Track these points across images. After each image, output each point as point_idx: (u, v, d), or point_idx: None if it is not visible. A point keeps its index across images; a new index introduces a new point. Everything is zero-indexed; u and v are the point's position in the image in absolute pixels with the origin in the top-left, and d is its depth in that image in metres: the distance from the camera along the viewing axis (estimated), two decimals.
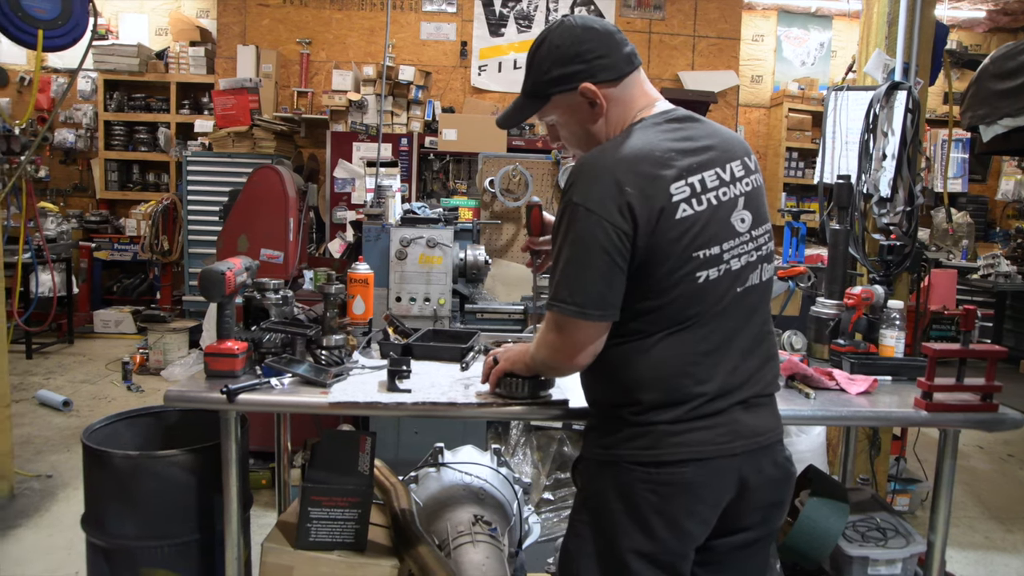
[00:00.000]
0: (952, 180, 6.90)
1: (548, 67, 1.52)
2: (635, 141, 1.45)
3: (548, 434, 3.25)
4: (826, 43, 8.59)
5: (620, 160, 1.41)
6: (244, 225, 3.71)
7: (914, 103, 3.02)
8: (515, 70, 7.66)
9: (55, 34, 3.66)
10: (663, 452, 1.43)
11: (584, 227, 1.39)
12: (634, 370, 1.46)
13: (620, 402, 1.48)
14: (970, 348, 1.98)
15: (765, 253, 1.52)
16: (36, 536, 3.26)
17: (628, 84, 1.53)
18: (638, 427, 1.45)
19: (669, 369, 1.44)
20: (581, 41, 1.49)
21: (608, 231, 1.38)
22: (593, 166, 1.42)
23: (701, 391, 1.44)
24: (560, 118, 1.58)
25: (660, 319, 1.44)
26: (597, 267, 1.40)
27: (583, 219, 1.39)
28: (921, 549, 2.18)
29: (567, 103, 1.54)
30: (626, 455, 1.46)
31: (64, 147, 8.01)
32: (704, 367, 1.45)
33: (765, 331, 1.56)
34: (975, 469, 4.61)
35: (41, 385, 5.43)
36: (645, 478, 1.44)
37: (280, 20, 7.50)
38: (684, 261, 1.41)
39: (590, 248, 1.39)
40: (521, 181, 4.49)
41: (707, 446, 1.44)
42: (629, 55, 1.52)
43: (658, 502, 1.43)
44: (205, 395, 1.83)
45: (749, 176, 1.51)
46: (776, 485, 1.54)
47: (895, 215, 3.05)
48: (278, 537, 2.05)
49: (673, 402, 1.44)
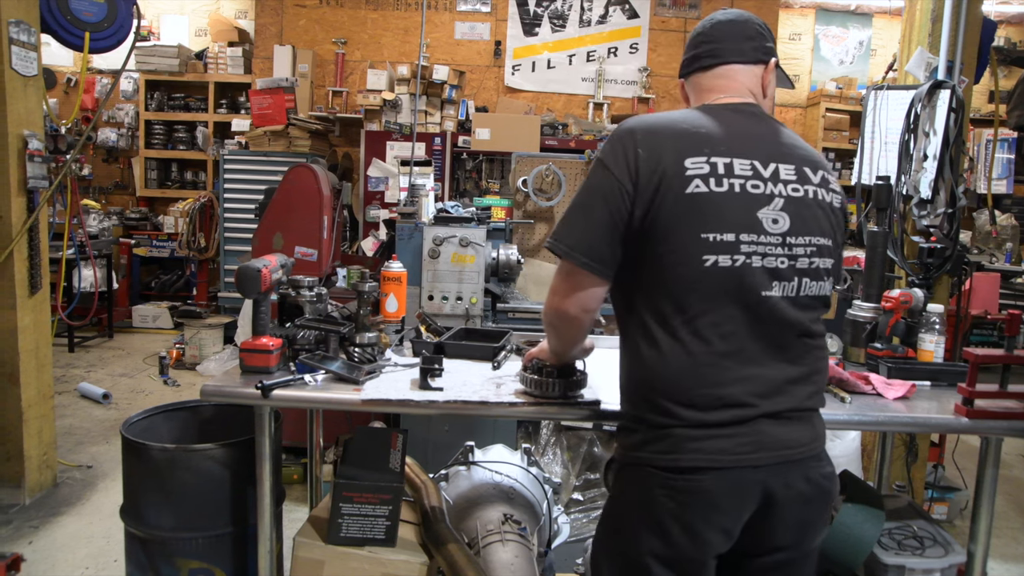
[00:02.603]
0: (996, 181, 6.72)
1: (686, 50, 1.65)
2: (674, 114, 1.50)
3: (578, 434, 3.24)
4: (865, 41, 8.43)
5: (645, 125, 1.46)
6: (279, 223, 3.76)
7: (958, 102, 2.95)
8: (549, 69, 7.66)
9: (101, 36, 3.76)
10: (681, 458, 1.40)
11: (594, 177, 1.47)
12: (653, 365, 1.43)
13: (642, 401, 1.47)
14: (1015, 354, 1.93)
15: (807, 267, 1.46)
16: (77, 524, 3.35)
17: (708, 78, 1.59)
18: (657, 429, 1.44)
19: (685, 367, 1.40)
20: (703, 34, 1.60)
21: (612, 185, 1.42)
22: (623, 127, 1.47)
23: (721, 395, 1.40)
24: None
25: (671, 303, 1.41)
26: (594, 217, 1.44)
27: (596, 170, 1.47)
28: (961, 559, 2.13)
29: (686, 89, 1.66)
30: (645, 458, 1.44)
31: (107, 146, 8.22)
32: (721, 370, 1.40)
33: (811, 345, 1.49)
34: (1018, 479, 4.49)
35: (82, 378, 5.57)
36: (664, 483, 1.41)
37: (316, 20, 7.59)
38: (690, 239, 1.39)
39: (593, 198, 1.46)
40: (554, 181, 4.48)
41: (727, 455, 1.39)
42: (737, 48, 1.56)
43: (675, 508, 1.41)
44: (240, 390, 1.86)
45: (804, 185, 1.47)
46: (808, 502, 1.46)
47: (936, 217, 2.99)
48: (310, 532, 2.07)
49: (690, 404, 1.40)
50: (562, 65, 7.66)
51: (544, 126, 6.48)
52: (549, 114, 7.07)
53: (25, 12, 3.39)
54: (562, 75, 7.68)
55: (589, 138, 6.23)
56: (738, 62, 1.56)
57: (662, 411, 1.42)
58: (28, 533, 3.24)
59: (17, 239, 3.39)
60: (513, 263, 3.53)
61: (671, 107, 7.64)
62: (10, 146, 3.34)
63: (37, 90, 3.51)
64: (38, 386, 3.57)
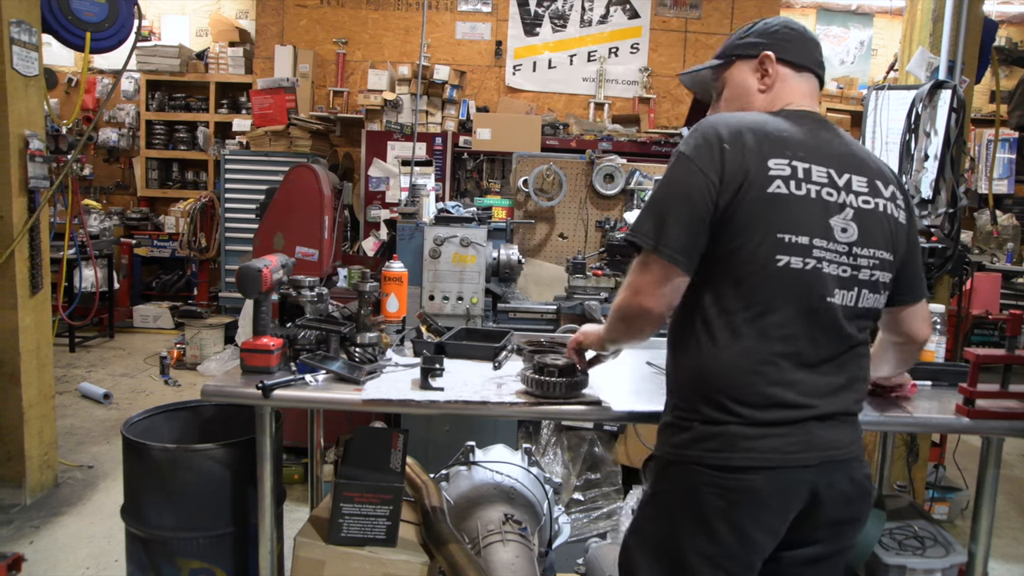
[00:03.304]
0: (998, 181, 6.71)
1: (745, 35, 1.64)
2: (763, 117, 1.50)
3: (579, 434, 3.24)
4: (866, 41, 8.43)
5: (731, 121, 1.46)
6: (280, 223, 3.76)
7: (959, 102, 2.95)
8: (550, 69, 7.66)
9: (102, 36, 3.77)
10: (733, 457, 1.40)
11: (678, 171, 1.44)
12: (710, 360, 1.43)
13: (694, 395, 1.46)
14: (1016, 354, 1.93)
15: (867, 279, 1.48)
16: (79, 524, 3.35)
17: (803, 79, 1.60)
18: (711, 425, 1.42)
19: (742, 364, 1.41)
20: (785, 26, 1.62)
21: (698, 178, 1.41)
22: (708, 122, 1.47)
23: (775, 395, 1.41)
24: (730, 84, 1.64)
25: (739, 298, 1.41)
26: (680, 210, 1.42)
27: (680, 164, 1.44)
28: (961, 559, 2.12)
29: (742, 68, 1.62)
30: (695, 456, 1.43)
31: (107, 146, 8.22)
32: (781, 371, 1.41)
33: (859, 353, 1.52)
34: (1019, 479, 4.48)
35: (83, 378, 5.57)
36: (712, 481, 1.41)
37: (317, 20, 7.60)
38: (766, 238, 1.39)
39: (678, 190, 1.43)
40: (555, 181, 4.48)
41: (778, 454, 1.40)
42: (818, 60, 1.62)
43: (725, 507, 1.40)
44: (241, 390, 1.86)
45: (875, 198, 1.49)
46: (850, 501, 1.49)
47: (937, 217, 2.98)
48: (310, 532, 2.07)
49: (744, 401, 1.41)
50: (563, 65, 7.66)
51: (545, 126, 6.48)
52: (550, 114, 7.07)
53: (26, 12, 3.39)
54: (563, 75, 7.68)
55: (590, 138, 6.23)
56: (815, 74, 1.62)
57: (718, 407, 1.42)
58: (29, 533, 3.24)
59: (18, 239, 3.39)
60: (514, 263, 3.53)
61: (672, 107, 7.64)
62: (11, 146, 3.34)
63: (38, 90, 3.51)
64: (39, 386, 3.57)
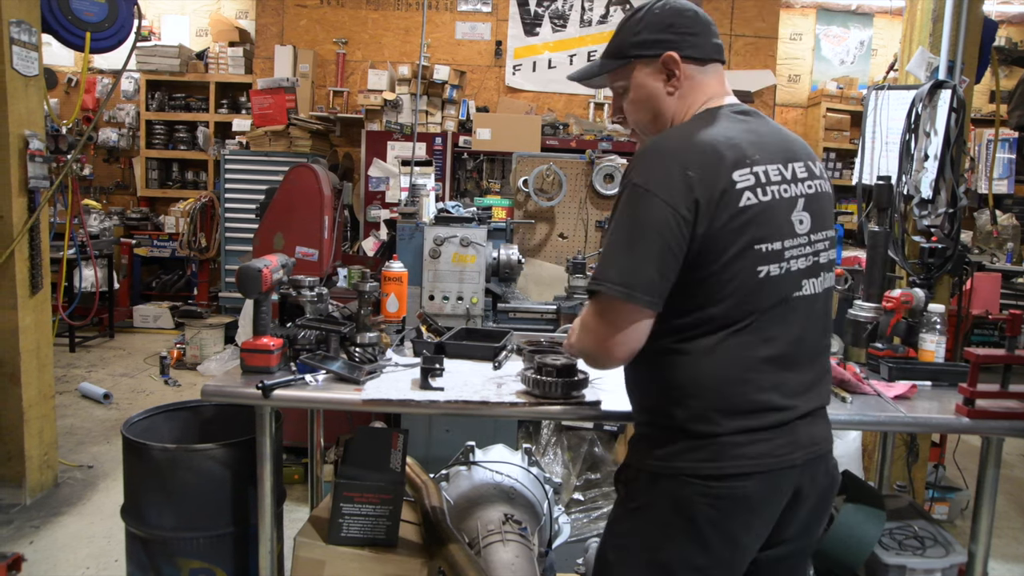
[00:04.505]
0: (997, 181, 6.72)
1: (639, 30, 1.50)
2: (702, 127, 1.41)
3: (579, 434, 3.24)
4: (866, 41, 8.43)
5: (685, 143, 1.38)
6: (280, 223, 3.76)
7: (959, 102, 2.95)
8: (550, 69, 7.65)
9: (102, 36, 3.77)
10: (725, 465, 1.38)
11: (642, 208, 1.34)
12: (694, 374, 1.39)
13: (679, 410, 1.41)
14: (1016, 354, 1.93)
15: (824, 261, 1.48)
16: (79, 524, 3.35)
17: (709, 71, 1.51)
18: (699, 439, 1.39)
19: (730, 374, 1.39)
20: (678, 14, 1.49)
21: (667, 215, 1.32)
22: (658, 148, 1.38)
23: (764, 400, 1.39)
24: (633, 86, 1.53)
25: (720, 316, 1.37)
26: (651, 250, 1.33)
27: (642, 200, 1.34)
28: (961, 559, 2.12)
29: (645, 71, 1.50)
30: (685, 468, 1.39)
31: (107, 146, 8.22)
32: (766, 375, 1.40)
33: (824, 344, 1.52)
34: (1019, 479, 4.48)
35: (83, 378, 5.57)
36: (705, 491, 1.38)
37: (317, 20, 7.59)
38: (745, 253, 1.36)
39: (646, 230, 1.33)
40: (555, 181, 4.48)
41: (768, 458, 1.39)
42: (717, 46, 1.52)
43: (717, 516, 1.38)
44: (241, 390, 1.86)
45: (812, 180, 1.47)
46: (826, 495, 1.50)
47: (936, 217, 2.98)
48: (310, 532, 2.07)
49: (735, 411, 1.38)
50: (563, 65, 7.66)
51: (545, 126, 6.48)
52: (550, 114, 7.07)
53: (26, 12, 3.39)
54: (563, 75, 7.66)
55: (590, 138, 6.23)
56: (720, 62, 1.53)
57: (706, 420, 1.39)
58: (29, 533, 3.24)
59: (18, 239, 3.39)
60: (514, 263, 3.53)
61: None
62: (11, 146, 3.34)
63: (38, 90, 3.51)
64: (39, 386, 3.57)
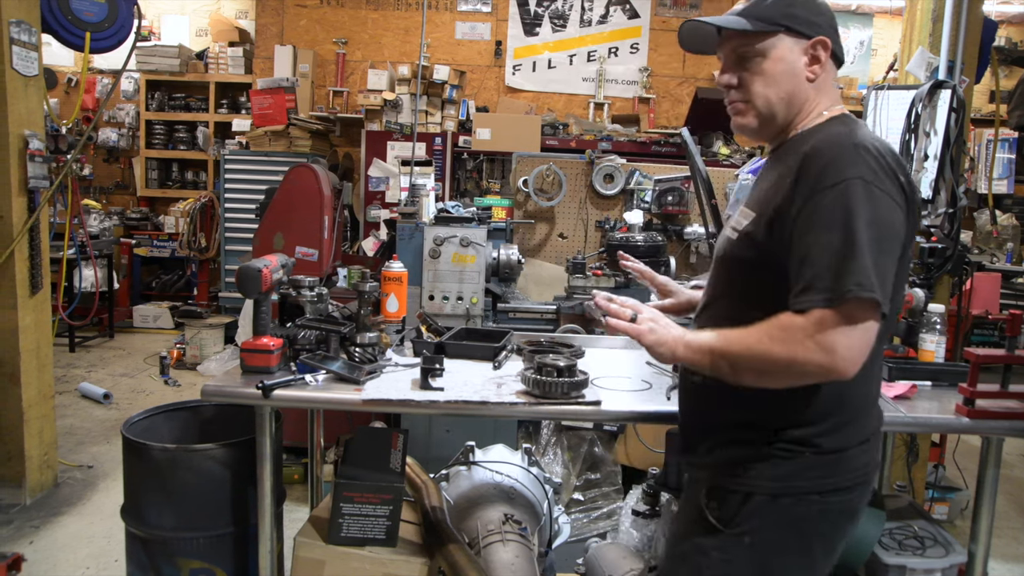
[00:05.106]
0: (997, 181, 6.71)
1: (792, 4, 1.39)
2: (866, 131, 1.35)
3: (579, 434, 3.24)
4: (866, 41, 8.43)
5: (884, 145, 1.30)
6: (280, 223, 3.76)
7: (959, 102, 2.95)
8: (549, 69, 7.66)
9: (102, 36, 3.77)
10: (843, 479, 1.35)
11: (882, 208, 1.22)
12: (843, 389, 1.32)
13: (813, 427, 1.34)
14: (1015, 354, 1.93)
15: None
16: (79, 524, 3.35)
17: (834, 76, 1.46)
18: (827, 454, 1.34)
19: (871, 389, 1.40)
20: (830, 9, 1.44)
21: (899, 216, 1.25)
22: (872, 148, 1.27)
23: (874, 406, 1.42)
24: (774, 57, 1.39)
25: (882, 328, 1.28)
26: (893, 255, 1.25)
27: (880, 199, 1.22)
28: (961, 559, 2.12)
29: (788, 49, 1.39)
30: (806, 486, 1.34)
31: (107, 146, 8.22)
32: (876, 383, 1.43)
33: None
34: (1019, 479, 4.48)
35: (83, 378, 5.57)
36: (823, 508, 1.34)
37: (317, 20, 7.59)
38: (904, 262, 1.33)
39: (889, 232, 1.23)
40: (555, 181, 4.48)
41: (870, 466, 1.40)
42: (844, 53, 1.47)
43: (828, 530, 1.37)
44: (241, 390, 1.86)
45: None
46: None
47: (936, 217, 2.99)
48: (310, 532, 2.07)
49: (862, 424, 1.38)
50: (563, 65, 7.66)
51: (545, 126, 6.47)
52: (550, 114, 7.07)
53: (26, 12, 3.39)
54: (563, 75, 7.68)
55: (590, 138, 6.23)
56: None
57: (840, 435, 1.35)
58: (29, 533, 3.24)
59: (18, 239, 3.39)
60: (514, 263, 3.53)
61: (671, 107, 7.64)
62: (11, 146, 3.34)
63: (38, 90, 3.51)
64: (39, 386, 3.57)
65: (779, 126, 1.45)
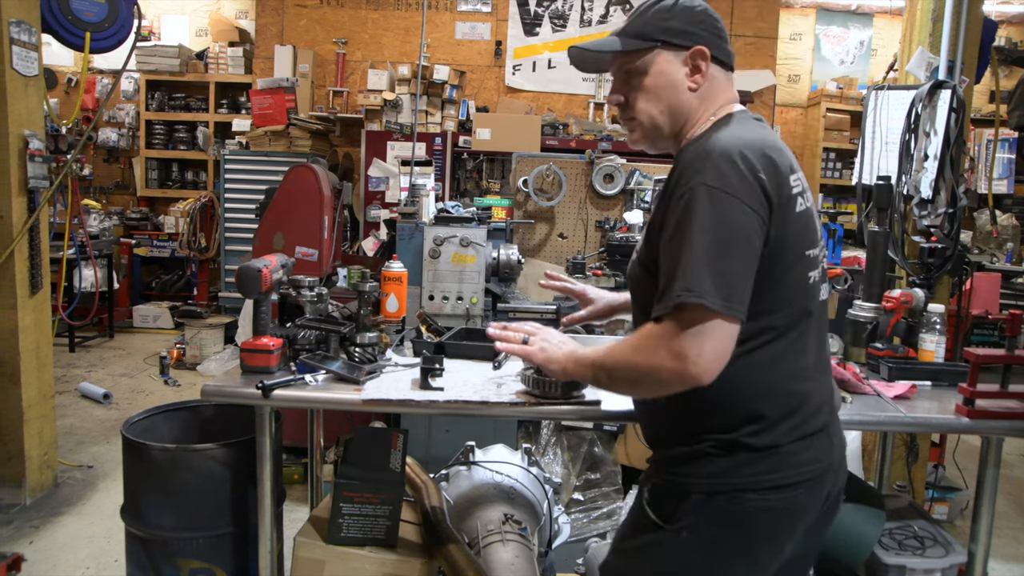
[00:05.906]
0: (997, 181, 6.72)
1: (669, 17, 1.41)
2: (742, 130, 1.36)
3: (579, 434, 3.23)
4: (866, 41, 8.43)
5: (747, 144, 1.31)
6: (280, 223, 3.76)
7: (959, 102, 2.95)
8: (550, 69, 7.65)
9: (102, 36, 3.77)
10: (784, 476, 1.35)
11: (728, 212, 1.25)
12: (757, 386, 1.35)
13: (738, 424, 1.35)
14: (1015, 354, 1.93)
15: (825, 266, 1.49)
16: (79, 524, 3.35)
17: (726, 78, 1.46)
18: (759, 451, 1.34)
19: (791, 384, 1.38)
20: (709, 15, 1.44)
21: (751, 218, 1.26)
22: (721, 149, 1.29)
23: (814, 406, 1.39)
24: (653, 72, 1.42)
25: (781, 324, 1.34)
26: (742, 257, 1.26)
27: (724, 202, 1.25)
28: (961, 559, 2.13)
29: (668, 58, 1.41)
30: (742, 483, 1.34)
31: (107, 146, 8.22)
32: (812, 381, 1.41)
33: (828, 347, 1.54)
34: (1019, 479, 4.48)
35: (83, 378, 5.57)
36: (762, 505, 1.34)
37: (317, 20, 7.59)
38: (800, 258, 1.35)
39: (734, 235, 1.25)
40: (555, 181, 4.48)
41: (816, 463, 1.38)
42: (732, 55, 1.48)
43: (770, 528, 1.36)
44: (241, 390, 1.86)
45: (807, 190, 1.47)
46: (838, 498, 1.50)
47: (936, 217, 2.99)
48: (310, 532, 2.07)
49: (794, 420, 1.36)
50: (563, 65, 7.65)
51: (545, 126, 6.48)
52: (550, 114, 7.07)
53: (26, 12, 3.39)
54: (563, 75, 7.67)
55: (590, 138, 6.23)
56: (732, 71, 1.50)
57: (767, 432, 1.35)
58: (29, 533, 3.24)
59: (18, 239, 3.39)
60: (514, 263, 3.53)
61: None
62: (11, 146, 3.34)
63: (38, 90, 3.51)
64: (39, 386, 3.57)
65: (667, 138, 1.48)
